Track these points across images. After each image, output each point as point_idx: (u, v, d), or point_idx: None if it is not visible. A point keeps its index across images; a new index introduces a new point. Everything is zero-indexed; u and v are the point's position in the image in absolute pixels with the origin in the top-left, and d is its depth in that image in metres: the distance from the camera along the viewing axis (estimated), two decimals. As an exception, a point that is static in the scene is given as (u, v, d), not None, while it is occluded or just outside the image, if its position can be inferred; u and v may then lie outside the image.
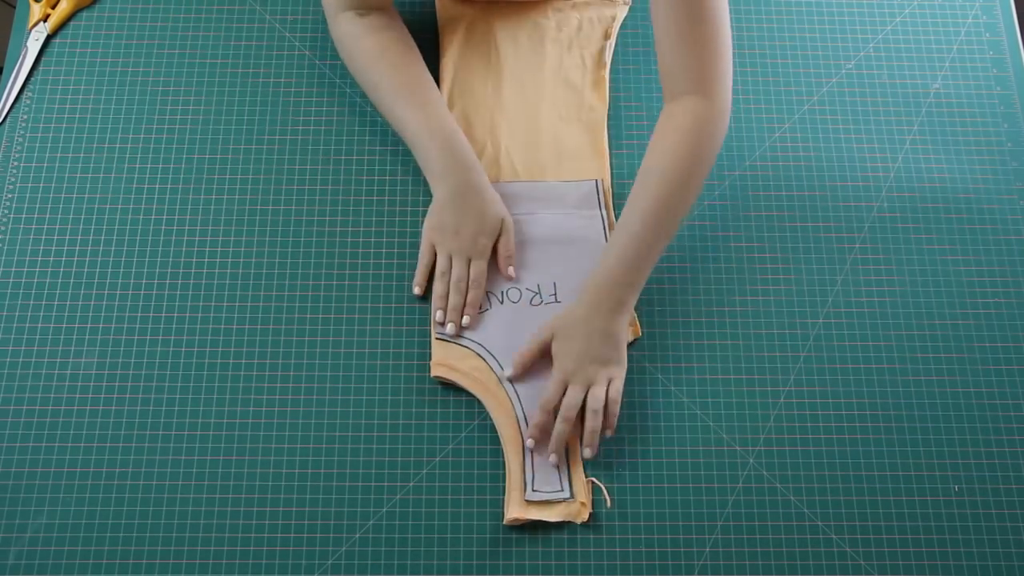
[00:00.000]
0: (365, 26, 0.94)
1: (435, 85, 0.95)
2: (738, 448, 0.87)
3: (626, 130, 1.00)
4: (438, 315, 0.89)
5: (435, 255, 0.91)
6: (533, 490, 0.84)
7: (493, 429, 0.87)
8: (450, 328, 0.88)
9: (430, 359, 0.89)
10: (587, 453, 0.84)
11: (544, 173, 0.96)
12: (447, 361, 0.88)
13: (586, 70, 1.02)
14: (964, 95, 1.02)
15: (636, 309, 0.91)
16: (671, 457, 0.87)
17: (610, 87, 1.01)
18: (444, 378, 0.88)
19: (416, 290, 0.91)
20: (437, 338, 0.89)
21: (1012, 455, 0.88)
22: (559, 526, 0.84)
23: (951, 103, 1.02)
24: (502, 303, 0.91)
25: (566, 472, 0.85)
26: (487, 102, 0.99)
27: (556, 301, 0.91)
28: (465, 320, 0.89)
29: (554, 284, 0.92)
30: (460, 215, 0.90)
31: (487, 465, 0.86)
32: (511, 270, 0.91)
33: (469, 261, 0.90)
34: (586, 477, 0.85)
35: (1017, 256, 0.95)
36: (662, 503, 0.85)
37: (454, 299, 0.89)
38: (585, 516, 0.83)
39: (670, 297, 0.92)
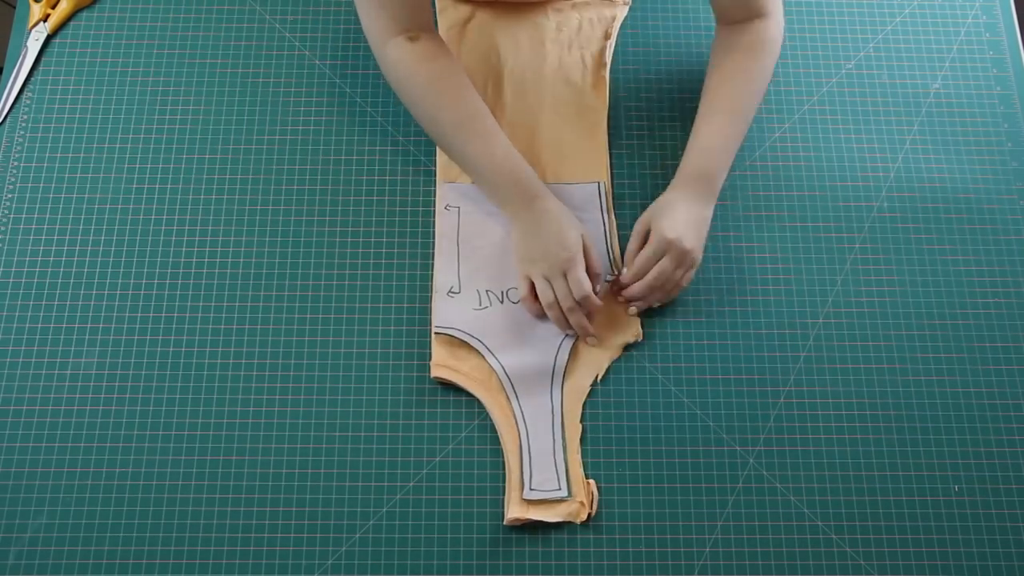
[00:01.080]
0: (417, 54, 0.91)
1: (491, 114, 0.93)
2: (738, 448, 0.87)
3: (626, 130, 1.00)
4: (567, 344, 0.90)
5: (533, 286, 0.90)
6: (531, 489, 0.84)
7: (493, 429, 0.87)
8: (592, 340, 0.90)
9: (430, 359, 0.89)
10: (632, 311, 0.91)
11: (544, 173, 0.96)
12: (447, 362, 0.88)
13: (586, 70, 1.02)
14: (964, 95, 1.02)
15: (636, 309, 0.92)
16: (671, 457, 0.87)
17: (610, 87, 1.01)
18: (444, 379, 0.88)
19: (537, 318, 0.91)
20: (436, 333, 0.89)
21: (1012, 455, 0.88)
22: (559, 526, 0.84)
23: (951, 103, 1.02)
24: (502, 302, 0.91)
25: (564, 471, 0.85)
26: (488, 102, 0.99)
27: None
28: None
29: None
30: (542, 242, 0.89)
31: (487, 465, 0.86)
32: (597, 288, 0.90)
33: (565, 276, 0.88)
34: (585, 479, 0.85)
35: (1017, 256, 0.95)
36: (662, 503, 0.85)
37: (574, 319, 0.88)
38: (584, 516, 0.84)
39: (670, 297, 0.92)
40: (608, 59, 1.02)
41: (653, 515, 0.85)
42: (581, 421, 0.87)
